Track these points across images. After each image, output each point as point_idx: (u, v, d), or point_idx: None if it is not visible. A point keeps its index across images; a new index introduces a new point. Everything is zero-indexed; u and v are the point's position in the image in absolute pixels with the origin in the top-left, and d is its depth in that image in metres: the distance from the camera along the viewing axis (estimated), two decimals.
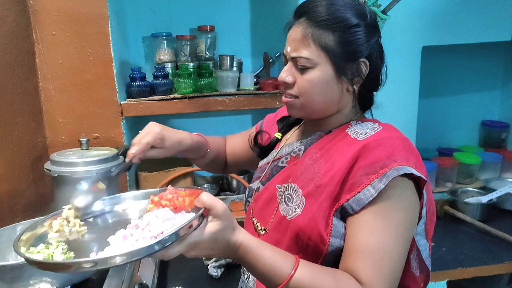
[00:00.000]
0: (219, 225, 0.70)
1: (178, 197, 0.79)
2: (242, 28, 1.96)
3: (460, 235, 1.62)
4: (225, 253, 0.73)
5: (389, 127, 0.87)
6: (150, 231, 0.69)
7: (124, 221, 0.85)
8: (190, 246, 0.68)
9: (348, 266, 0.75)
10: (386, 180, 0.76)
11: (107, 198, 0.92)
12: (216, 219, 0.70)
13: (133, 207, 0.92)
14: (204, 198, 0.70)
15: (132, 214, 0.89)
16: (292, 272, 0.72)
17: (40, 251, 0.73)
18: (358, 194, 0.78)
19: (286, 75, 0.88)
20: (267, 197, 0.94)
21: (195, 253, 0.70)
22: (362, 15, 0.84)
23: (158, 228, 0.69)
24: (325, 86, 0.85)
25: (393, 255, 0.75)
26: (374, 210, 0.77)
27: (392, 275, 0.75)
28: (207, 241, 0.69)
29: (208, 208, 0.70)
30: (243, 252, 0.73)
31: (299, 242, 0.83)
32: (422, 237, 0.86)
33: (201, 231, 0.69)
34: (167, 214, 0.74)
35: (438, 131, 2.20)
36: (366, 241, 0.75)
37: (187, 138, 1.01)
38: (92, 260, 0.62)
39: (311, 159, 0.88)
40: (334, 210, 0.80)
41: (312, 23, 0.83)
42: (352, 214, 0.79)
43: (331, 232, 0.79)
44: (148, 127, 0.95)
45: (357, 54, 0.84)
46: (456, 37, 1.78)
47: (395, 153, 0.79)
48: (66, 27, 1.51)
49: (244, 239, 0.73)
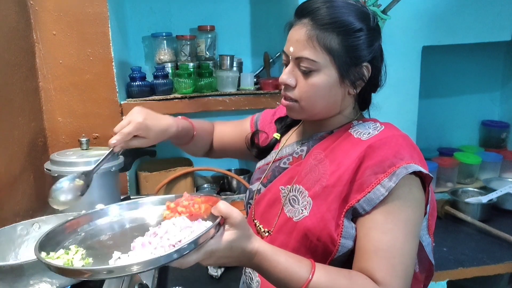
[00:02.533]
0: (235, 234, 0.70)
1: (194, 204, 0.79)
2: (242, 28, 1.96)
3: (461, 235, 1.62)
4: (241, 261, 0.74)
5: (390, 126, 0.88)
6: (168, 239, 0.69)
7: (141, 226, 0.84)
8: (206, 254, 0.68)
9: (363, 266, 0.76)
10: (396, 179, 0.77)
11: (124, 203, 0.90)
12: (233, 228, 0.70)
13: (150, 213, 0.90)
14: (221, 206, 0.70)
15: (150, 220, 0.88)
16: (309, 277, 0.72)
17: (60, 256, 0.73)
18: (368, 194, 0.78)
19: (288, 77, 0.86)
20: (270, 199, 0.93)
21: (211, 261, 0.70)
22: (366, 19, 0.84)
23: (175, 237, 0.70)
24: (328, 90, 0.85)
25: (405, 252, 0.76)
26: (385, 210, 0.78)
27: (406, 272, 0.76)
28: (223, 249, 0.69)
29: (225, 217, 0.70)
30: (259, 259, 0.73)
31: (307, 243, 0.83)
32: (425, 233, 0.87)
33: (217, 239, 0.69)
34: (185, 222, 0.75)
35: (438, 131, 2.20)
36: (379, 241, 0.76)
37: (172, 125, 0.96)
38: (110, 268, 0.63)
39: (316, 159, 0.87)
40: (345, 211, 0.80)
41: (317, 25, 0.82)
42: (363, 214, 0.79)
43: (342, 233, 0.80)
44: (131, 114, 0.91)
45: (361, 58, 0.84)
46: (456, 37, 1.78)
47: (401, 151, 0.80)
48: (66, 27, 1.51)
49: (260, 247, 0.73)
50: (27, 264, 0.87)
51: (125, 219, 0.89)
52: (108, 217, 0.88)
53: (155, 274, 1.25)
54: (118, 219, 0.88)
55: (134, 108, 0.93)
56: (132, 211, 0.90)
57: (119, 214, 0.89)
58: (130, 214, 0.90)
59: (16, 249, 1.05)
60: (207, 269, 1.40)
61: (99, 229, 0.85)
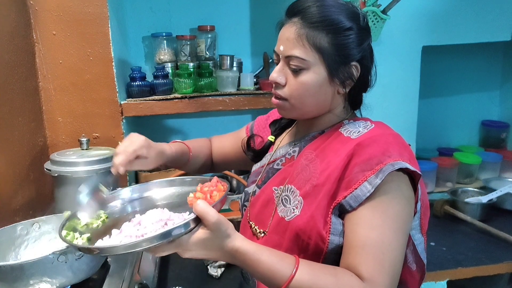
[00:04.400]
0: (208, 234, 0.72)
1: (213, 192, 0.84)
2: (242, 28, 1.96)
3: (460, 235, 1.62)
4: (223, 258, 0.75)
5: (381, 125, 0.88)
6: (137, 230, 0.76)
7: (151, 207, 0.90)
8: (178, 248, 0.73)
9: (349, 262, 0.76)
10: (382, 175, 0.77)
11: (137, 186, 0.99)
12: (206, 229, 0.72)
13: (159, 193, 0.98)
14: (198, 207, 0.71)
15: (160, 202, 0.95)
16: (292, 273, 0.73)
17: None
18: (355, 190, 0.78)
19: (278, 75, 0.87)
20: (264, 200, 0.94)
21: (189, 255, 0.74)
22: (355, 18, 0.84)
23: (145, 228, 0.76)
24: (318, 88, 0.85)
25: (394, 249, 0.76)
26: (372, 206, 0.78)
27: (394, 268, 0.76)
28: (194, 246, 0.72)
29: (200, 217, 0.72)
30: (241, 258, 0.74)
31: (299, 242, 0.83)
32: (417, 232, 0.87)
33: (189, 236, 0.72)
34: (163, 215, 0.80)
35: (438, 131, 2.20)
36: (366, 237, 0.76)
37: (166, 149, 1.00)
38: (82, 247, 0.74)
39: (307, 159, 0.88)
40: (332, 208, 0.80)
41: (307, 24, 0.83)
42: (350, 211, 0.79)
43: (330, 230, 0.80)
44: (131, 136, 0.93)
45: (350, 57, 0.84)
46: (456, 37, 1.78)
47: (389, 149, 0.80)
48: (66, 27, 1.51)
49: (241, 246, 0.74)
50: (27, 264, 0.87)
51: (137, 200, 0.97)
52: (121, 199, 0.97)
53: (155, 274, 1.25)
54: (130, 200, 0.97)
55: (131, 134, 0.94)
56: (145, 192, 0.99)
57: (131, 196, 0.98)
58: (142, 195, 0.98)
59: (16, 249, 1.05)
60: (207, 269, 1.40)
61: (114, 210, 0.93)
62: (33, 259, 0.87)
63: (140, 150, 0.90)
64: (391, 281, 0.75)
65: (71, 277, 0.93)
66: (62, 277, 0.91)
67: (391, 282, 0.74)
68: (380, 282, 0.73)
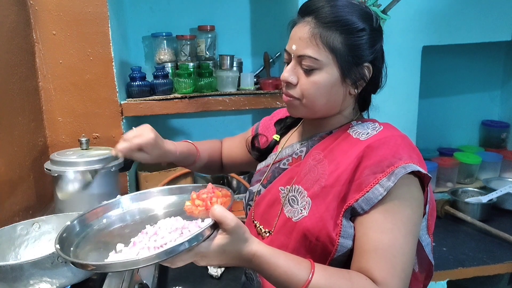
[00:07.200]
0: (227, 238, 0.70)
1: (212, 198, 0.83)
2: (242, 28, 1.96)
3: (461, 235, 1.62)
4: (239, 263, 0.74)
5: (389, 126, 0.88)
6: (155, 241, 0.72)
7: (150, 218, 0.90)
8: (197, 256, 0.70)
9: (362, 266, 0.76)
10: (395, 179, 0.77)
11: (137, 193, 0.98)
12: (226, 233, 0.71)
13: (159, 204, 0.96)
14: (216, 211, 0.70)
15: (158, 211, 0.94)
16: (309, 278, 0.72)
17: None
18: (367, 193, 0.78)
19: (290, 75, 0.86)
20: (270, 199, 0.93)
21: (205, 262, 0.72)
22: (369, 19, 0.84)
23: (163, 239, 0.72)
24: (330, 88, 0.85)
25: (405, 252, 0.76)
26: (383, 209, 0.78)
27: (405, 271, 0.76)
28: (214, 253, 0.70)
29: (218, 222, 0.70)
30: (257, 262, 0.73)
31: (306, 243, 0.83)
32: (425, 233, 0.87)
33: (209, 243, 0.70)
34: (177, 223, 0.77)
35: (438, 131, 2.20)
36: (378, 241, 0.76)
37: (172, 152, 1.02)
38: (93, 264, 0.68)
39: (315, 160, 0.87)
40: (344, 211, 0.80)
41: (320, 23, 0.82)
42: (361, 214, 0.79)
43: (340, 233, 0.80)
44: (144, 129, 0.95)
45: (363, 58, 0.84)
46: (456, 37, 1.78)
47: (399, 151, 0.80)
48: (66, 27, 1.51)
49: (258, 250, 0.73)
50: (27, 264, 0.87)
51: (136, 210, 0.94)
52: (119, 208, 0.94)
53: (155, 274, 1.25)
54: (128, 210, 0.94)
55: (146, 124, 0.97)
56: (142, 201, 0.96)
57: (129, 206, 0.95)
58: (139, 206, 0.95)
59: (16, 249, 1.05)
60: (207, 269, 1.40)
61: (111, 220, 0.91)
62: (33, 259, 0.87)
63: (145, 146, 0.94)
64: (403, 284, 0.75)
65: (71, 277, 0.93)
66: (62, 277, 0.91)
67: (402, 285, 0.75)
68: (393, 286, 0.73)
